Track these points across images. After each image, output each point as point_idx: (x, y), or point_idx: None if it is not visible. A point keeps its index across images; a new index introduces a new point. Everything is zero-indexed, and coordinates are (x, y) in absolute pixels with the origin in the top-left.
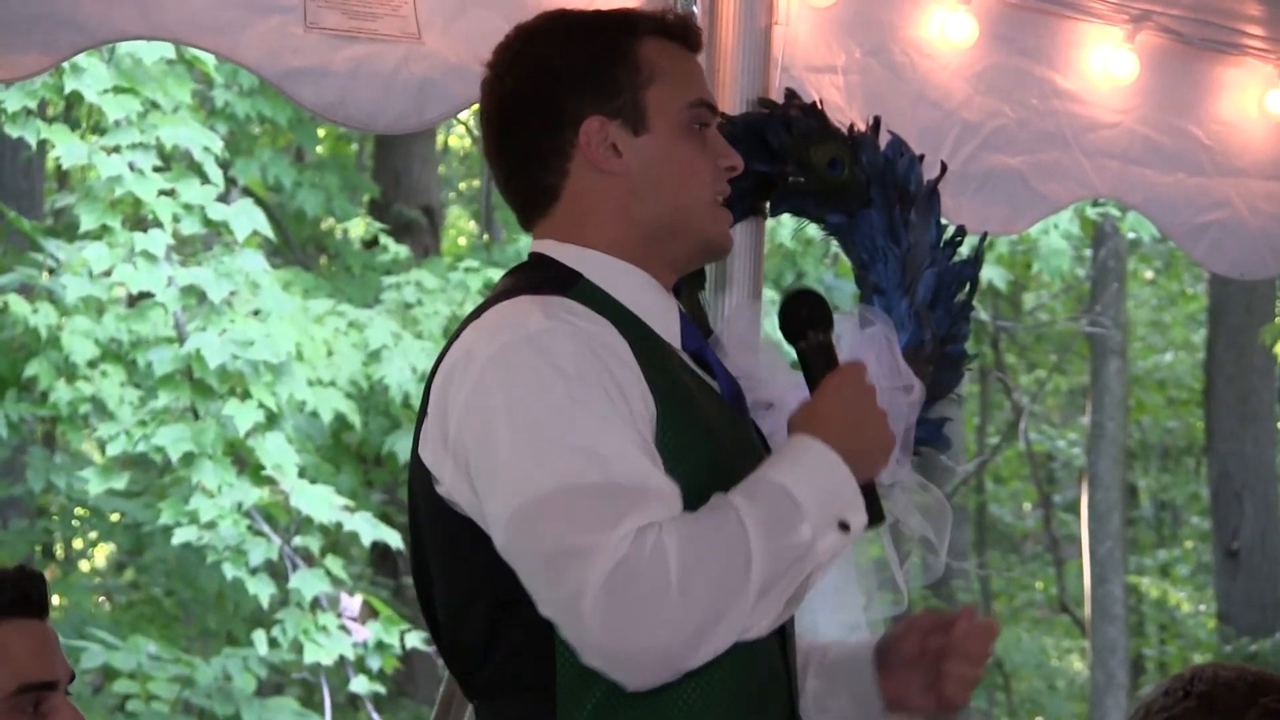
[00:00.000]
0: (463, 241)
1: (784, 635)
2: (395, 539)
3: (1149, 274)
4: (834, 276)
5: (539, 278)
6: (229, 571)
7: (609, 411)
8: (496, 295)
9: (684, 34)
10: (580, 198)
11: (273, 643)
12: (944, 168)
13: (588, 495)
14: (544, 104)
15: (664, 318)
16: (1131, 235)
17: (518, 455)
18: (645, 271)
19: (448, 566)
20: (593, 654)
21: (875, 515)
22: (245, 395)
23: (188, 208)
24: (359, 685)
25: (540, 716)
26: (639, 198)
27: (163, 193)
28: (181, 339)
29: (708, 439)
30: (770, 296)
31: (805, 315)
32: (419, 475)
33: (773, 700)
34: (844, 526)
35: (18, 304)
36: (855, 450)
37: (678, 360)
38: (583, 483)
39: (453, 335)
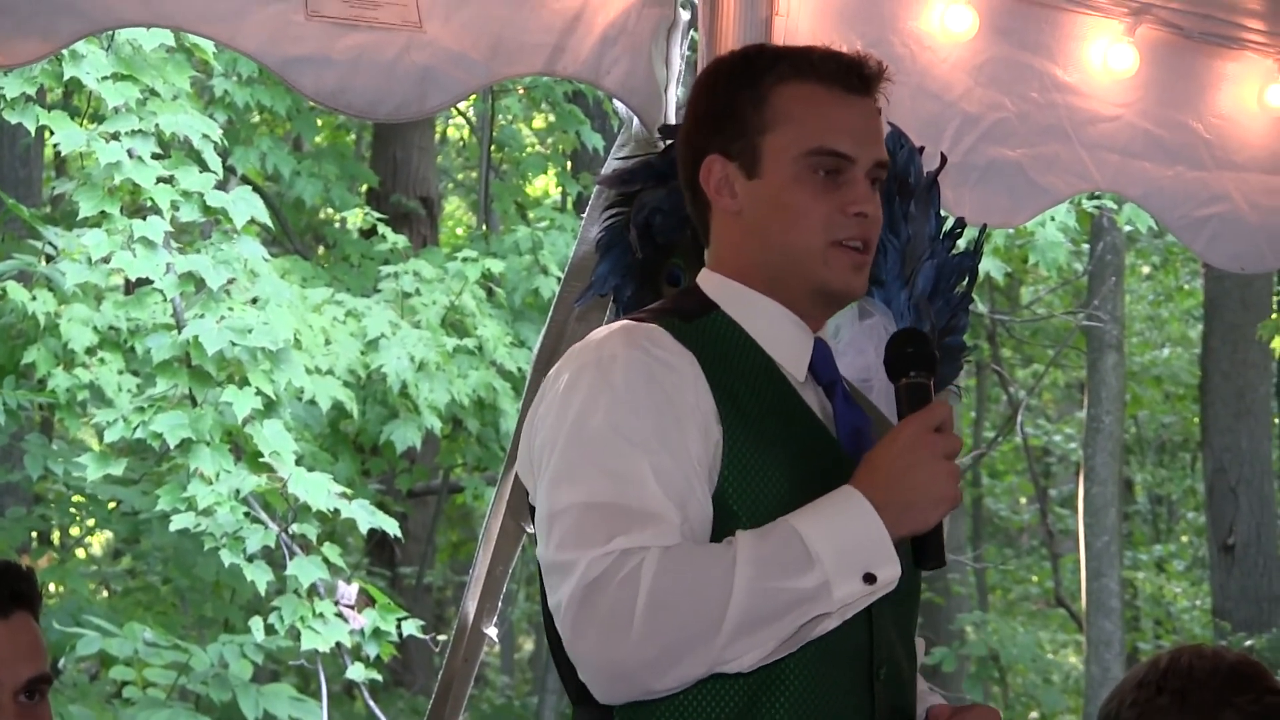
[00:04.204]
0: (460, 232)
1: (871, 666)
2: (393, 526)
3: (1146, 269)
4: None
5: (673, 304)
6: (226, 558)
7: (647, 438)
8: (629, 316)
9: (838, 76)
10: (720, 231)
11: (269, 629)
12: (944, 160)
13: (593, 514)
14: (690, 143)
15: (792, 350)
16: (1128, 228)
17: (556, 471)
18: (780, 303)
19: (542, 573)
20: (572, 659)
21: (934, 560)
22: (243, 382)
23: (186, 195)
24: (355, 672)
25: None
26: (752, 238)
27: (161, 180)
28: (179, 326)
29: (783, 471)
30: None
31: (910, 354)
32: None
33: (848, 668)
34: (870, 578)
35: (16, 291)
36: (900, 502)
37: (785, 393)
38: (594, 502)
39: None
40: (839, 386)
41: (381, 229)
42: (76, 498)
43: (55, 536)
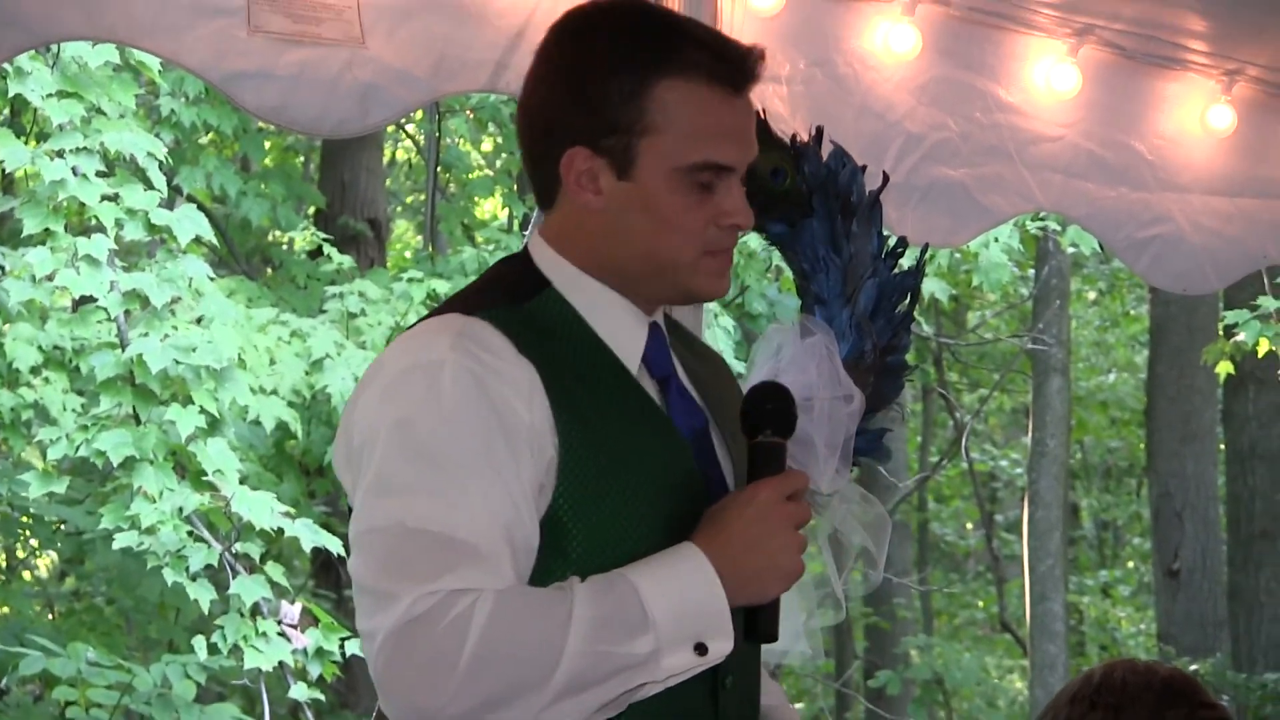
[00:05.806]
0: (409, 255)
1: (715, 675)
2: (337, 545)
3: (1092, 295)
4: (777, 291)
5: (503, 282)
6: (169, 576)
7: (476, 459)
8: (459, 295)
9: (725, 76)
10: (567, 211)
11: (212, 648)
12: (886, 179)
13: (417, 541)
14: (544, 112)
15: (626, 340)
16: (1072, 249)
17: (375, 482)
18: (619, 293)
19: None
20: (378, 692)
21: (766, 635)
22: (187, 401)
23: (131, 213)
24: (298, 692)
25: None
26: (613, 237)
27: (106, 198)
28: (123, 344)
29: (625, 473)
30: (713, 309)
31: (769, 410)
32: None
33: (693, 678)
34: (701, 649)
35: None
36: (745, 570)
37: (624, 386)
38: (417, 527)
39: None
40: (673, 381)
41: (327, 249)
42: (23, 518)
43: (1, 558)
